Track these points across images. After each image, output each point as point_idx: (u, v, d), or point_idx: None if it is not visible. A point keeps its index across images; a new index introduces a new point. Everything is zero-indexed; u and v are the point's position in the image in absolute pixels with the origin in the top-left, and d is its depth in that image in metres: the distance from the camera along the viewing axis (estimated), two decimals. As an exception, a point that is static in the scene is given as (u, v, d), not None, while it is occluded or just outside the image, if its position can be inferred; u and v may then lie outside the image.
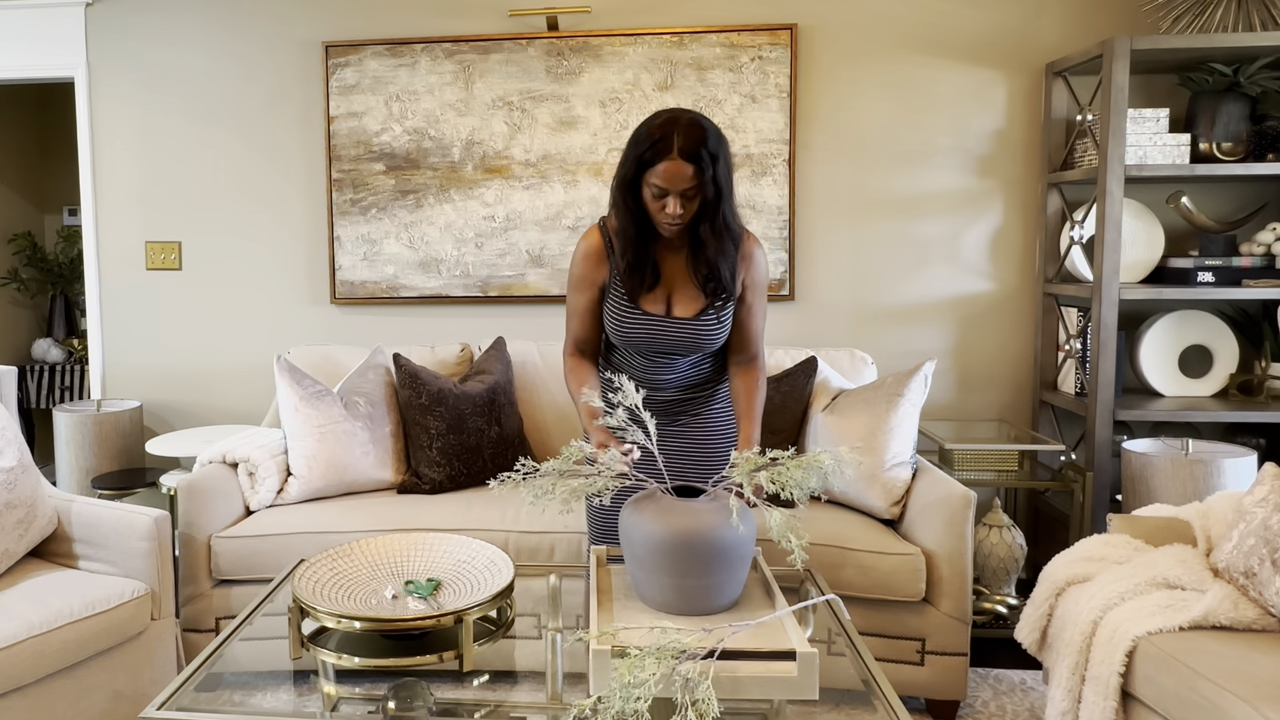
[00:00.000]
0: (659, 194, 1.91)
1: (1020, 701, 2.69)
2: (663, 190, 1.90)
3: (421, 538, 2.05)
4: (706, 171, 1.87)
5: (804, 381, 3.01)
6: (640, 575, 1.72)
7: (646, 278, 2.04)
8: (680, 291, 2.06)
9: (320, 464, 2.91)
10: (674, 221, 1.93)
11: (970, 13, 3.40)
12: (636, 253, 2.01)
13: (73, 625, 2.19)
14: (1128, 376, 3.30)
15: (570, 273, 2.14)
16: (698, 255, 2.01)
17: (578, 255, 2.11)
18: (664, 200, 1.91)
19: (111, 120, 3.74)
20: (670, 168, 1.87)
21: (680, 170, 1.86)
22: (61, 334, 5.22)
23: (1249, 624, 2.01)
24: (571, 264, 2.13)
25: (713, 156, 1.87)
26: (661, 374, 2.12)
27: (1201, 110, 3.11)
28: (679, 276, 2.06)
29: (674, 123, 1.88)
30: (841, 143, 3.49)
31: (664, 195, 1.90)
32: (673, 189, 1.89)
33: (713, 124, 1.92)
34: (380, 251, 3.63)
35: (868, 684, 1.67)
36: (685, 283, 2.06)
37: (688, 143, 1.86)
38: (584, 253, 2.10)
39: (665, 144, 1.87)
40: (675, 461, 2.12)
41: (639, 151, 1.90)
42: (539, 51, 3.50)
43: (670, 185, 1.88)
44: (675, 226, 1.96)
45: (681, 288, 2.06)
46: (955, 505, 2.51)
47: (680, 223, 1.94)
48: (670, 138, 1.86)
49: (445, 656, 1.74)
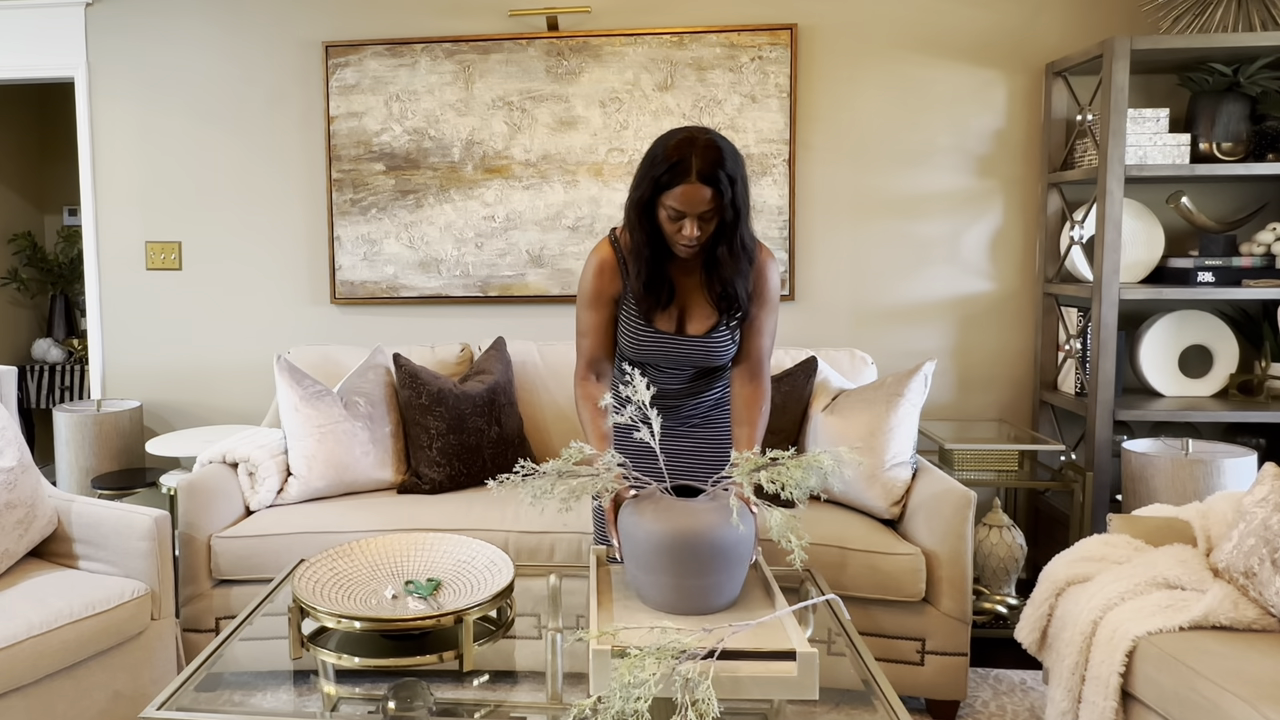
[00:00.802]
0: (676, 216, 1.87)
1: (1020, 701, 2.69)
2: (680, 213, 1.86)
3: (421, 538, 2.05)
4: (725, 195, 1.84)
5: (804, 381, 3.01)
6: (640, 575, 1.72)
7: (662, 297, 2.01)
8: (693, 309, 2.04)
9: (320, 464, 2.91)
10: (690, 244, 1.90)
11: (970, 13, 3.40)
12: (651, 272, 1.98)
13: (73, 625, 2.19)
14: (1128, 376, 3.30)
15: (580, 288, 2.08)
16: (711, 274, 1.98)
17: (589, 271, 2.05)
18: (680, 223, 1.88)
19: (111, 120, 3.74)
20: (688, 191, 1.83)
21: (698, 194, 1.83)
22: (61, 334, 5.22)
23: (1249, 624, 2.00)
24: (581, 279, 2.08)
25: (730, 179, 1.84)
26: (670, 382, 2.11)
27: (1201, 110, 3.11)
28: (693, 294, 2.04)
29: (691, 144, 1.84)
30: (841, 143, 3.49)
31: (681, 218, 1.87)
32: (690, 212, 1.85)
33: (729, 143, 1.88)
34: (380, 251, 3.63)
35: (868, 684, 1.67)
36: (699, 300, 2.03)
37: (705, 165, 1.82)
38: (596, 268, 2.04)
39: (683, 166, 1.83)
40: (681, 461, 2.12)
41: (656, 174, 1.86)
42: (539, 51, 3.50)
43: (688, 209, 1.85)
44: (692, 249, 1.93)
45: (695, 305, 2.04)
46: (955, 505, 2.51)
47: (697, 245, 1.91)
48: (688, 160, 1.83)
49: (445, 656, 1.74)
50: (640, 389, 1.74)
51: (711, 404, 2.18)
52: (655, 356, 2.06)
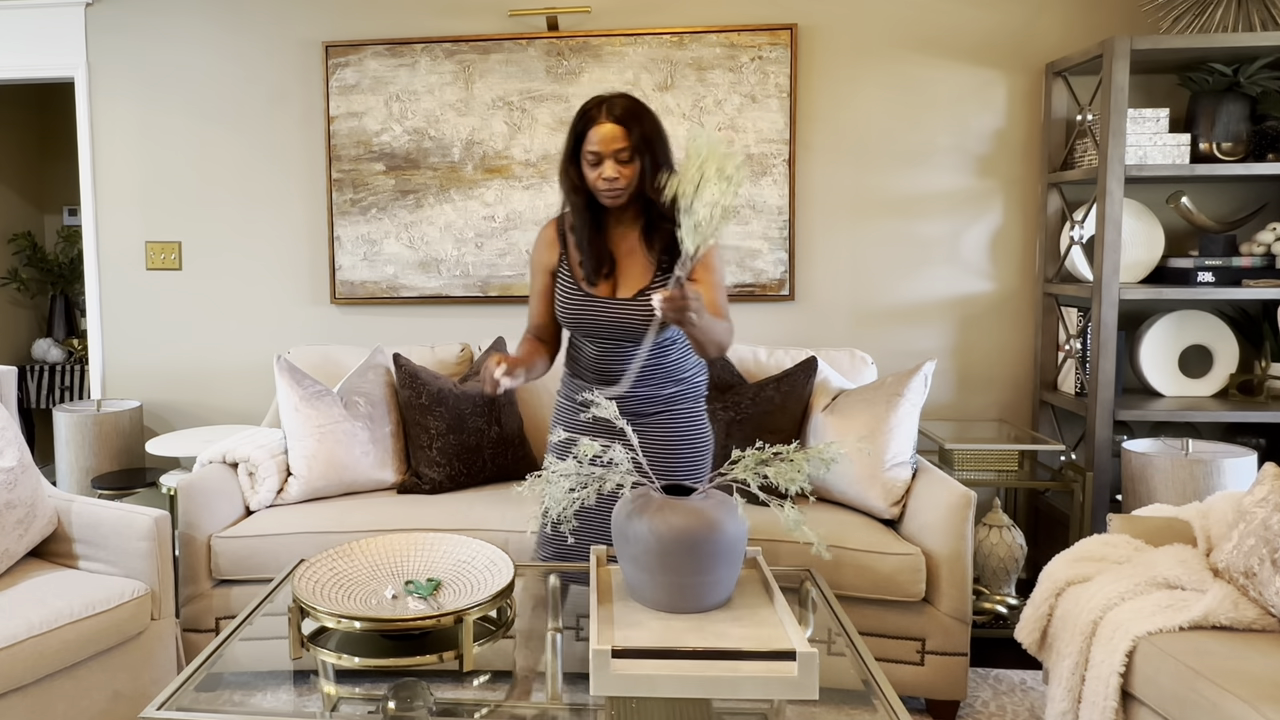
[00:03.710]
0: (595, 161, 2.03)
1: (1020, 701, 2.69)
2: (598, 155, 2.02)
3: (421, 538, 2.05)
4: (634, 131, 2.00)
5: (804, 381, 3.00)
6: (634, 574, 1.72)
7: (603, 263, 2.11)
8: (628, 272, 2.13)
9: (320, 464, 2.91)
10: (612, 185, 2.02)
11: (970, 13, 3.40)
12: (586, 234, 2.11)
13: (73, 625, 2.19)
14: (1128, 376, 3.30)
15: (530, 260, 2.29)
16: (650, 228, 2.09)
17: (536, 242, 2.25)
18: (601, 167, 2.02)
19: (111, 120, 3.74)
20: (601, 130, 2.01)
21: (611, 132, 2.00)
22: (61, 334, 5.22)
23: (1249, 624, 2.01)
24: (531, 252, 2.27)
25: (638, 117, 2.03)
26: (615, 364, 2.13)
27: (1201, 110, 3.11)
28: (630, 259, 2.13)
29: (602, 98, 2.06)
30: (841, 143, 3.49)
31: (600, 161, 2.02)
32: (606, 150, 2.00)
33: (642, 101, 2.08)
34: (380, 251, 3.63)
35: (868, 684, 1.67)
36: (636, 262, 2.12)
37: (616, 108, 2.03)
38: (539, 240, 2.24)
39: (595, 112, 2.03)
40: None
41: (574, 128, 2.06)
42: (539, 51, 3.50)
43: (604, 148, 2.00)
44: (615, 192, 2.04)
45: (630, 268, 2.13)
46: (955, 505, 2.51)
47: (618, 187, 2.03)
48: (599, 106, 2.03)
49: (445, 656, 1.74)
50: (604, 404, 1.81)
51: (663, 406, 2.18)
52: (589, 323, 2.13)
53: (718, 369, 3.06)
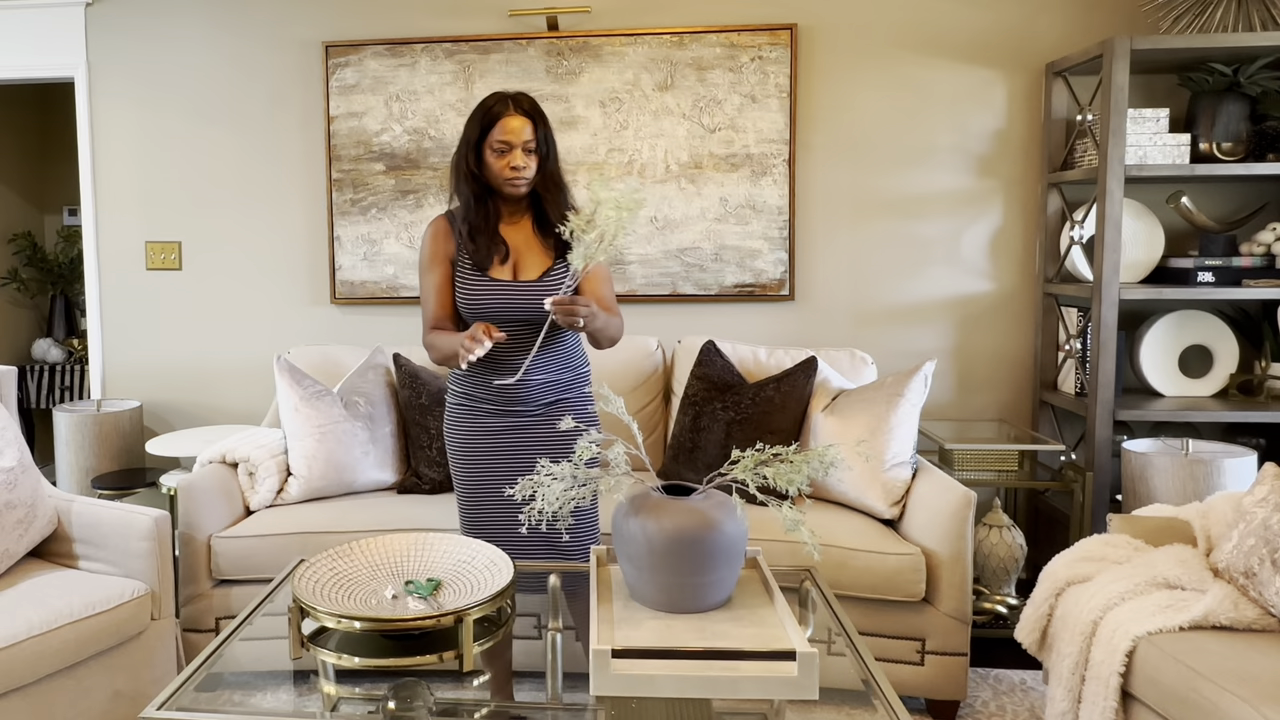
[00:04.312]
0: (503, 150, 2.11)
1: (1020, 701, 2.69)
2: (506, 145, 2.11)
3: (421, 538, 2.05)
4: (539, 127, 2.13)
5: (804, 381, 3.00)
6: (634, 574, 1.72)
7: (496, 249, 2.17)
8: (526, 258, 2.20)
9: (320, 464, 2.91)
10: (519, 174, 2.12)
11: (970, 13, 3.40)
12: (479, 217, 2.17)
13: (73, 625, 2.19)
14: (1128, 376, 3.30)
15: (420, 260, 2.27)
16: (542, 217, 2.19)
17: (425, 240, 2.26)
18: (509, 156, 2.11)
19: (111, 120, 3.74)
20: (510, 122, 2.11)
21: (521, 123, 2.11)
22: (61, 334, 5.22)
23: (1249, 624, 2.00)
24: (420, 253, 2.27)
25: (542, 115, 2.15)
26: (513, 354, 2.14)
27: (1201, 110, 3.11)
28: (524, 246, 2.21)
29: (504, 93, 2.16)
30: (841, 143, 3.49)
31: (508, 150, 2.11)
32: (515, 141, 2.10)
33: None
34: (380, 251, 3.63)
35: (868, 684, 1.67)
36: (532, 249, 2.21)
37: (523, 103, 2.14)
38: (431, 234, 2.25)
39: (503, 105, 2.13)
40: (529, 454, 2.12)
41: (480, 119, 2.14)
42: (539, 51, 3.50)
43: (513, 138, 2.10)
44: (520, 181, 2.13)
45: (528, 255, 2.21)
46: (955, 505, 2.51)
47: (524, 176, 2.13)
48: (506, 101, 2.13)
49: (445, 656, 1.74)
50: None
51: (566, 383, 2.22)
52: (494, 308, 2.15)
53: (718, 369, 3.06)
